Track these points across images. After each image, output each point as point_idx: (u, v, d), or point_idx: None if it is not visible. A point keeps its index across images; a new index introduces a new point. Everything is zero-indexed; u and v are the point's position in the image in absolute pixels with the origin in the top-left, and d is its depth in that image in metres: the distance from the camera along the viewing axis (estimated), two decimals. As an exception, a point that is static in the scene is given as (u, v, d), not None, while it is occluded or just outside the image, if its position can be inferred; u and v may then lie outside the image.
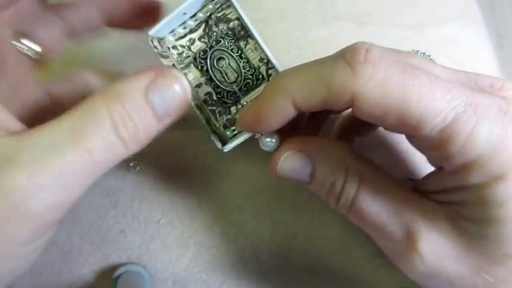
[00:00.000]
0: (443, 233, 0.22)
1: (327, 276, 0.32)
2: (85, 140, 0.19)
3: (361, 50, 0.20)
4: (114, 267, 0.31)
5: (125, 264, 0.31)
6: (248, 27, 0.25)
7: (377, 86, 0.20)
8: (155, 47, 0.25)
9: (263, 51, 0.25)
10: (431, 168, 0.26)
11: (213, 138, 0.25)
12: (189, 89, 0.23)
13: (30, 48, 0.25)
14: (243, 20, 0.25)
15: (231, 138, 0.25)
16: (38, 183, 0.18)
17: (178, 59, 0.26)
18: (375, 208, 0.23)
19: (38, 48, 0.25)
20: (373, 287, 0.32)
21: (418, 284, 0.25)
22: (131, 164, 0.32)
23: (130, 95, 0.21)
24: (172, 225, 0.32)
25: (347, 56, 0.20)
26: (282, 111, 0.22)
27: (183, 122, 0.29)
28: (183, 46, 0.26)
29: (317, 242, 0.32)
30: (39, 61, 0.26)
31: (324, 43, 0.35)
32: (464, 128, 0.19)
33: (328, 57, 0.22)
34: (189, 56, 0.26)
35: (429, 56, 0.34)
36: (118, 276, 0.31)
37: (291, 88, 0.22)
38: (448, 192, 0.23)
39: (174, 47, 0.26)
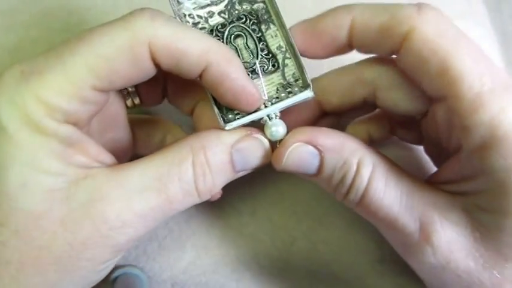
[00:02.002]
0: (457, 226, 0.22)
1: (329, 281, 0.31)
2: (168, 190, 0.22)
3: (431, 5, 0.22)
4: (111, 269, 0.31)
5: (122, 266, 0.31)
6: (278, 13, 0.24)
7: (436, 29, 0.21)
8: (173, 5, 0.24)
9: (287, 37, 0.24)
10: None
11: (217, 113, 0.24)
12: (270, 153, 0.24)
13: (130, 97, 0.27)
14: (274, 4, 0.24)
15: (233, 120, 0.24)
16: (124, 220, 0.21)
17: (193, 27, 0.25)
18: (387, 201, 0.22)
19: (137, 101, 0.27)
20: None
21: (423, 276, 0.24)
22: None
23: (215, 150, 0.23)
24: (169, 228, 0.32)
25: (418, 4, 0.22)
26: (338, 25, 0.23)
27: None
28: (200, 16, 0.25)
29: (318, 247, 0.32)
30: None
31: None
32: (500, 101, 0.20)
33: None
34: (204, 28, 0.25)
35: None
36: (115, 278, 0.30)
37: (355, 7, 0.23)
38: (464, 181, 0.22)
39: (190, 15, 0.25)
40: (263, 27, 0.25)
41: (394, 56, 0.24)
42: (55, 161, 0.20)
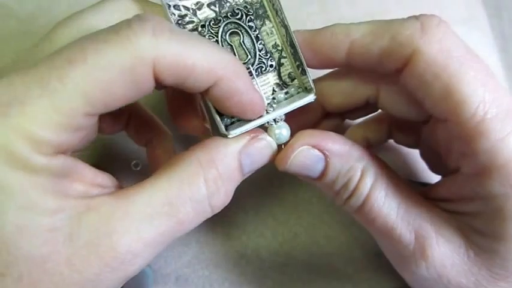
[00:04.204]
0: (452, 243, 0.22)
1: (329, 274, 0.32)
2: (179, 212, 0.20)
3: (436, 17, 0.21)
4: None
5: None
6: (277, 10, 0.23)
7: (441, 50, 0.20)
8: None
9: (287, 36, 0.23)
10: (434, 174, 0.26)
11: (219, 122, 0.22)
12: (275, 152, 0.23)
13: None
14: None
15: (228, 125, 0.23)
16: (134, 252, 0.19)
17: (179, 21, 0.23)
18: (386, 210, 0.23)
19: None
20: (373, 286, 0.32)
21: (413, 287, 0.25)
22: (133, 163, 0.32)
23: (226, 161, 0.21)
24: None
25: (421, 18, 0.21)
26: (336, 47, 0.22)
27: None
28: (187, 8, 0.23)
29: (319, 241, 0.32)
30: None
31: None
32: (502, 129, 0.19)
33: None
34: (192, 22, 0.23)
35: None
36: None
37: (355, 30, 0.22)
38: (460, 202, 0.22)
39: (176, 7, 0.22)
40: (258, 23, 0.23)
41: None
42: (51, 198, 0.18)
